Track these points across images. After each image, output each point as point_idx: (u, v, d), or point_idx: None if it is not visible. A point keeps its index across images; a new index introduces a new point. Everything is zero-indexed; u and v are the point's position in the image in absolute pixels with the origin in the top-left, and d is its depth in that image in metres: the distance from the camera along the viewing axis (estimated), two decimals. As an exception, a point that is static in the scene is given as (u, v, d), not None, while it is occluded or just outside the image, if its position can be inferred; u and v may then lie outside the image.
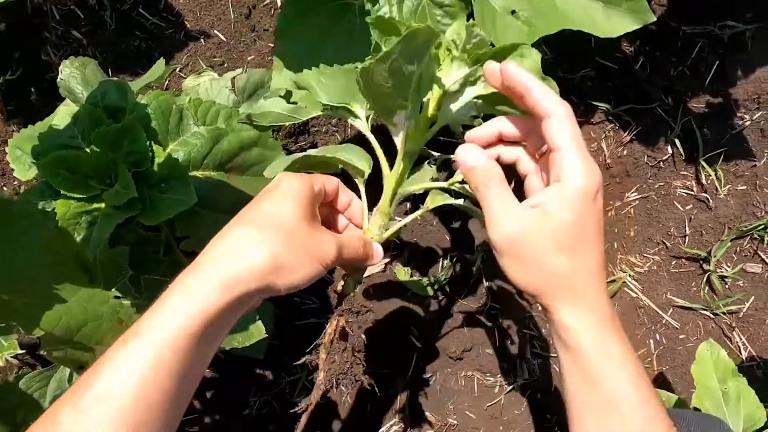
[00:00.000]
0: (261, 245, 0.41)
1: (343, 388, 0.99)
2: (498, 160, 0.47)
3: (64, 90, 0.78)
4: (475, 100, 0.48)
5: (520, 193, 0.46)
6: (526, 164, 0.47)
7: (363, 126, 0.54)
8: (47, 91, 1.08)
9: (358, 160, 0.51)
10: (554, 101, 0.42)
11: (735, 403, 0.75)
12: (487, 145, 0.48)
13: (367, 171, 0.51)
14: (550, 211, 0.42)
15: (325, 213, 0.51)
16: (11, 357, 0.92)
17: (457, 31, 0.45)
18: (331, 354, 0.52)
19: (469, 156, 0.45)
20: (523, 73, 0.42)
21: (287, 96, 0.58)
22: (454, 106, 0.48)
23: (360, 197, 0.52)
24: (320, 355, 0.52)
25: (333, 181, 0.50)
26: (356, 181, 0.53)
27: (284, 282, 0.42)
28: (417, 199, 0.68)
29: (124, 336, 0.38)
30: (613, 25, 0.67)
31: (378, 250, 0.51)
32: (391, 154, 0.51)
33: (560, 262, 0.42)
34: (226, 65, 1.07)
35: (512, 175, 0.47)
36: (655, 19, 0.63)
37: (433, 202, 0.53)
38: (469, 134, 0.48)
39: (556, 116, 0.41)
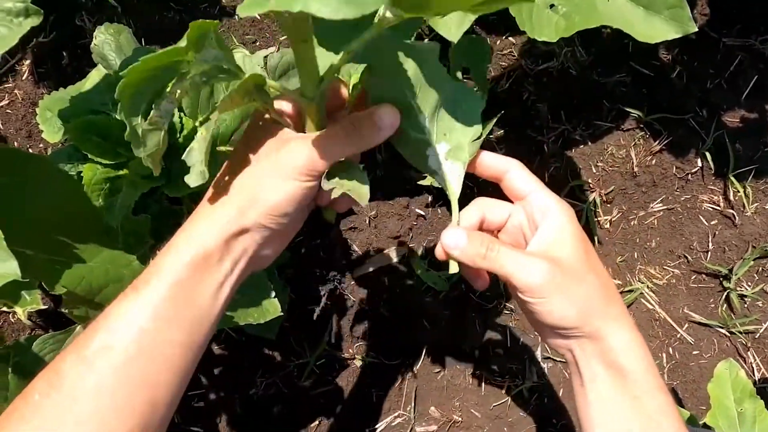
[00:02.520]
0: (233, 198, 0.41)
1: (349, 375, 0.99)
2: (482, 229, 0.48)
3: (97, 56, 0.78)
4: None
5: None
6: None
7: None
8: (79, 56, 1.08)
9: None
10: (506, 159, 0.47)
11: (750, 425, 0.73)
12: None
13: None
14: (560, 238, 0.44)
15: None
16: (26, 319, 0.93)
17: None
18: (339, 340, 0.49)
19: (453, 240, 0.44)
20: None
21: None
22: None
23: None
24: None
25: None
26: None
27: (258, 212, 0.40)
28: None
29: (124, 292, 0.39)
30: (654, 31, 0.65)
31: (388, 111, 0.42)
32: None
33: (594, 282, 0.43)
34: (258, 43, 1.06)
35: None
36: (696, 29, 0.62)
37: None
38: (450, 225, 0.47)
39: (514, 168, 0.46)
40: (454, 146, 0.46)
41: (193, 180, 0.40)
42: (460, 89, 0.46)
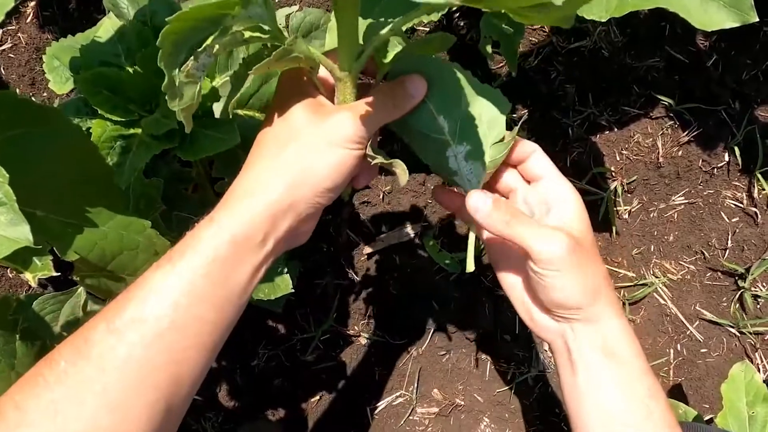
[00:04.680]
0: (281, 173, 0.40)
1: (353, 352, 0.97)
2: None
3: (109, 2, 0.73)
4: None
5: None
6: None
7: None
8: (87, 2, 1.02)
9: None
10: (531, 143, 0.47)
11: (760, 429, 0.73)
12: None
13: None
14: (575, 222, 0.45)
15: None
16: (35, 284, 0.90)
17: None
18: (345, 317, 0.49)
19: (480, 202, 0.45)
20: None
21: None
22: None
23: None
24: None
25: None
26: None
27: (310, 186, 0.39)
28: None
29: (157, 263, 0.38)
30: (710, 18, 0.62)
31: (418, 79, 0.44)
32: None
33: (600, 266, 0.45)
34: (278, 1, 1.01)
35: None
36: (757, 19, 0.58)
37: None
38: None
39: (537, 152, 0.47)
40: (474, 147, 0.46)
41: (174, 103, 0.38)
42: (483, 90, 0.46)
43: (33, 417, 0.33)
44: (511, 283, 0.49)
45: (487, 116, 0.46)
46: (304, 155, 0.39)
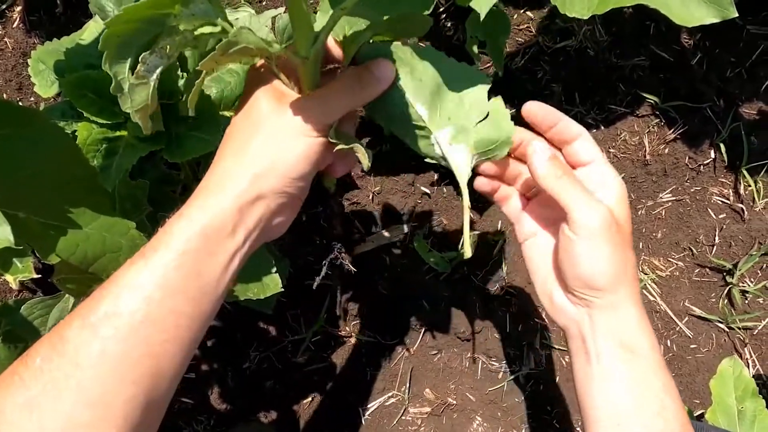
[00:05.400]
0: (246, 165, 0.40)
1: (344, 353, 0.97)
2: None
3: (95, 6, 0.72)
4: None
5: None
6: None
7: None
8: (74, 5, 1.02)
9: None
10: (579, 126, 0.47)
11: (750, 424, 0.73)
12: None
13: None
14: (616, 208, 0.45)
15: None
16: (16, 286, 0.90)
17: None
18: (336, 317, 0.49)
19: (540, 149, 0.46)
20: (548, 108, 0.48)
21: None
22: None
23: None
24: None
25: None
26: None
27: (276, 175, 0.40)
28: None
29: (131, 260, 0.38)
30: (690, 13, 0.62)
31: (384, 63, 0.43)
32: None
33: (631, 255, 0.44)
34: (264, 2, 1.01)
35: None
36: (737, 14, 0.58)
37: None
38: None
39: (584, 136, 0.47)
40: (458, 130, 0.45)
41: (126, 105, 0.38)
42: (460, 69, 0.45)
43: (10, 416, 0.32)
44: (537, 260, 0.49)
45: (468, 96, 0.45)
46: (269, 145, 0.40)
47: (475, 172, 0.50)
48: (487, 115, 0.45)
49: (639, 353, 0.43)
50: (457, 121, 0.45)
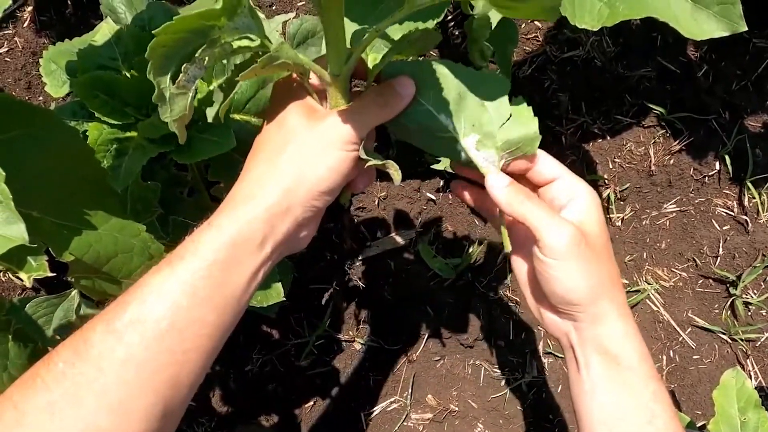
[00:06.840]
0: (277, 177, 0.40)
1: (347, 358, 0.97)
2: None
3: (106, 8, 0.73)
4: None
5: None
6: None
7: None
8: (84, 6, 1.03)
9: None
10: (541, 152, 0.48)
11: (752, 435, 0.73)
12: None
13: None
14: (586, 220, 0.45)
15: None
16: (16, 278, 0.90)
17: None
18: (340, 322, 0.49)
19: (497, 180, 0.46)
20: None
21: None
22: None
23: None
24: None
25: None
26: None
27: (306, 189, 0.40)
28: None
29: (156, 267, 0.38)
30: (699, 27, 0.62)
31: (406, 80, 0.44)
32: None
33: (608, 266, 0.44)
34: (274, 7, 1.02)
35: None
36: (747, 28, 0.59)
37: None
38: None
39: (542, 155, 0.47)
40: (483, 135, 0.46)
41: (166, 114, 0.38)
42: (479, 76, 0.46)
43: (31, 418, 0.32)
44: (523, 275, 0.49)
45: (490, 101, 0.45)
46: (300, 159, 0.40)
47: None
48: (510, 116, 0.46)
49: (625, 364, 0.43)
50: (482, 128, 0.45)
